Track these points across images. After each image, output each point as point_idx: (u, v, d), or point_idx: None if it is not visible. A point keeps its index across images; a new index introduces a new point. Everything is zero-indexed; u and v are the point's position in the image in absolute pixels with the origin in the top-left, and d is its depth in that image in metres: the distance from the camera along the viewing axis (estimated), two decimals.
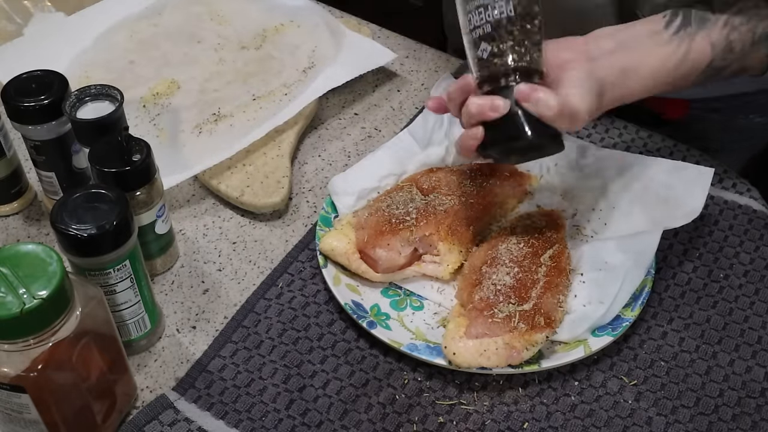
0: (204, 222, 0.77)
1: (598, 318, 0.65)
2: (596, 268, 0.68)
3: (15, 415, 0.55)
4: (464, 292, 0.67)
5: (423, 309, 0.69)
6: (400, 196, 0.72)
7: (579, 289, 0.68)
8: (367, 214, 0.71)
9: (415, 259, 0.70)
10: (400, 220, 0.69)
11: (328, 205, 0.75)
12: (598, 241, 0.71)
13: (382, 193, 0.75)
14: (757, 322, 0.68)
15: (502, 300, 0.64)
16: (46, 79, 0.70)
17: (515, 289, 0.65)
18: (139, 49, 0.90)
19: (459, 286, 0.69)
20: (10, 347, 0.51)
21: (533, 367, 0.63)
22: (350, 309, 0.67)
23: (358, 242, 0.69)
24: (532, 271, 0.66)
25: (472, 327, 0.63)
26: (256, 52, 0.90)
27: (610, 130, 0.85)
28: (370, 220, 0.70)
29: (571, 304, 0.67)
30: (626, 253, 0.68)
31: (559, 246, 0.69)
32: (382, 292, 0.70)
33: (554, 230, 0.71)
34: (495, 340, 0.62)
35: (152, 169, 0.66)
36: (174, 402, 0.63)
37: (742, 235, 0.74)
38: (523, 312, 0.63)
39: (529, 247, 0.68)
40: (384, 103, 0.90)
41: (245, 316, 0.69)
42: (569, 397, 0.63)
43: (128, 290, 0.62)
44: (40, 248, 0.53)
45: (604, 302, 0.65)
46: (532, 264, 0.67)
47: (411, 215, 0.70)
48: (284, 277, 0.71)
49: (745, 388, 0.64)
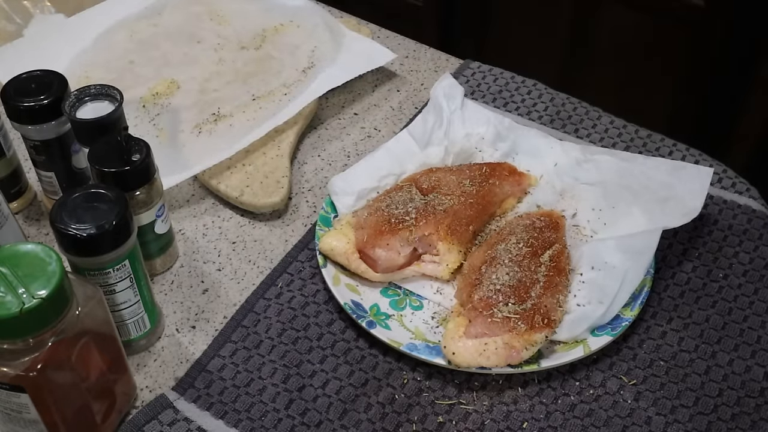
0: (204, 222, 0.77)
1: (598, 318, 0.65)
2: (595, 268, 0.68)
3: (15, 415, 0.55)
4: (464, 291, 0.67)
5: (422, 309, 0.69)
6: (399, 196, 0.72)
7: (578, 289, 0.68)
8: (366, 214, 0.71)
9: (415, 258, 0.70)
10: (399, 219, 0.69)
11: (328, 205, 0.75)
12: (598, 240, 0.71)
13: (381, 193, 0.75)
14: (757, 321, 0.68)
15: (502, 300, 0.64)
16: (45, 79, 0.70)
17: (515, 288, 0.65)
18: (139, 49, 0.90)
19: (458, 286, 0.69)
20: (10, 347, 0.51)
21: (532, 367, 0.63)
22: (350, 309, 0.67)
23: (357, 242, 0.69)
24: (532, 271, 0.66)
25: (471, 327, 0.63)
26: (256, 52, 0.90)
27: (609, 129, 0.85)
28: (370, 220, 0.70)
29: (571, 303, 0.67)
30: (626, 253, 0.68)
31: (559, 246, 0.69)
32: (381, 291, 0.70)
33: (553, 230, 0.71)
34: (494, 340, 0.62)
35: (152, 169, 0.66)
36: (173, 402, 0.63)
37: (742, 235, 0.74)
38: (523, 312, 0.63)
39: (528, 247, 0.68)
40: (383, 103, 0.90)
41: (245, 315, 0.69)
42: (568, 397, 0.63)
43: (128, 290, 0.62)
44: (39, 248, 0.53)
45: (604, 302, 0.65)
46: (532, 264, 0.67)
47: (410, 215, 0.70)
48: (284, 276, 0.71)
49: (745, 388, 0.63)
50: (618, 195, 0.74)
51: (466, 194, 0.72)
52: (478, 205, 0.72)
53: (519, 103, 0.88)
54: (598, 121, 0.85)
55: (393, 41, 0.97)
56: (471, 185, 0.73)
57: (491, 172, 0.75)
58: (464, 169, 0.76)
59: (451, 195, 0.72)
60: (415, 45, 0.97)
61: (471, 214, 0.71)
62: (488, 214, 0.74)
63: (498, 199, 0.75)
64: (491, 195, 0.74)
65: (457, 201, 0.71)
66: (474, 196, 0.72)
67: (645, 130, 0.85)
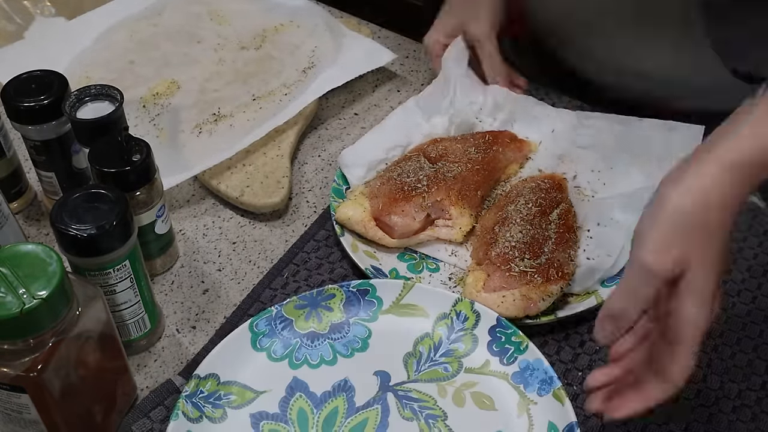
0: (204, 222, 0.77)
1: (607, 269, 0.69)
2: (601, 224, 0.72)
3: (15, 415, 0.55)
4: (479, 251, 0.70)
5: (439, 271, 0.72)
6: (409, 165, 0.75)
7: (586, 244, 0.71)
8: (379, 183, 0.74)
9: (429, 224, 0.73)
10: (411, 187, 0.72)
11: (339, 177, 0.77)
12: (600, 199, 0.75)
13: (391, 164, 0.77)
14: (759, 316, 0.68)
15: (518, 255, 0.67)
16: (46, 79, 0.70)
17: (529, 245, 0.68)
18: (139, 49, 0.90)
19: (474, 246, 0.72)
20: (10, 347, 0.51)
21: (550, 318, 0.66)
22: (371, 273, 0.69)
23: (373, 210, 0.72)
24: (543, 228, 0.70)
25: (490, 281, 0.66)
26: (256, 52, 0.90)
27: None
28: (383, 188, 0.73)
29: (581, 257, 0.70)
30: (627, 208, 0.71)
31: (565, 205, 0.73)
32: (398, 257, 0.73)
33: (558, 191, 0.75)
34: (512, 293, 0.65)
35: (152, 170, 0.66)
36: (180, 387, 0.63)
37: (746, 231, 0.75)
38: (538, 266, 0.66)
39: (537, 207, 0.71)
40: (384, 104, 0.90)
41: (251, 305, 0.69)
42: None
43: (128, 290, 0.62)
44: (39, 248, 0.53)
45: (612, 255, 0.69)
46: (542, 222, 0.70)
47: (422, 183, 0.73)
48: (290, 267, 0.72)
49: (746, 381, 0.64)
50: (615, 156, 0.78)
51: (473, 161, 0.75)
52: (484, 171, 0.76)
53: None
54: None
55: (393, 41, 0.97)
56: (476, 153, 0.76)
57: (494, 140, 0.79)
58: (468, 137, 0.79)
59: (458, 162, 0.75)
60: (415, 45, 0.97)
61: (478, 180, 0.75)
62: (494, 180, 0.78)
63: (502, 165, 0.78)
64: (495, 161, 0.77)
65: (465, 168, 0.74)
66: (480, 162, 0.76)
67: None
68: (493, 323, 0.64)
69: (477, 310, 0.65)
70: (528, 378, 0.61)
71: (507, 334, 0.63)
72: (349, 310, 0.66)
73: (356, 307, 0.66)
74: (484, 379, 0.62)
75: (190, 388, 0.60)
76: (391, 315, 0.66)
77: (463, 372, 0.63)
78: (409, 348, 0.64)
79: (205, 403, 0.60)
